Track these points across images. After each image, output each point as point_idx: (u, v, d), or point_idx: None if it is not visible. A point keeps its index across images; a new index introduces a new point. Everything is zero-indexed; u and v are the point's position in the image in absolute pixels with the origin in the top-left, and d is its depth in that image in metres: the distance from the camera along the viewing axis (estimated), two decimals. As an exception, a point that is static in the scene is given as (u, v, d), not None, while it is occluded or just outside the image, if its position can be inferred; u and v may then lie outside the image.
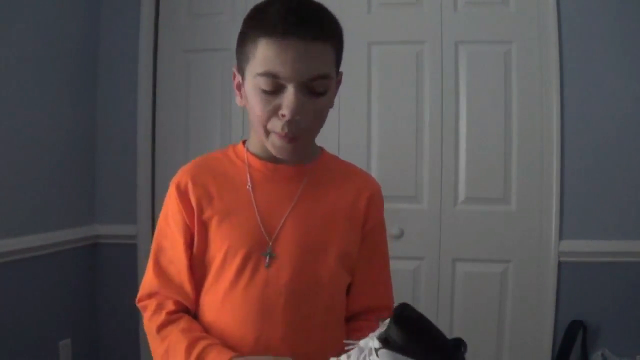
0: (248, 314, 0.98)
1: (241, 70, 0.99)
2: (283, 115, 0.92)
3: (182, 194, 1.02)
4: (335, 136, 2.49)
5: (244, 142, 1.08)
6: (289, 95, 0.91)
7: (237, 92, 1.02)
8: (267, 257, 0.98)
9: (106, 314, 2.63)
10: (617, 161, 2.34)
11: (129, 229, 2.57)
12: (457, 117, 2.45)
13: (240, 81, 1.00)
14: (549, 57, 2.37)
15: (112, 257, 2.61)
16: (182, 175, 1.05)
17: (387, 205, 2.77)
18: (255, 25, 0.94)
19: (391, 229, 2.45)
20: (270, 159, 1.03)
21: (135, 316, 2.59)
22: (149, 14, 2.61)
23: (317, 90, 0.94)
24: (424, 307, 2.46)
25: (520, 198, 2.42)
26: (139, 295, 1.07)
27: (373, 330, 0.78)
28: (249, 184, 1.02)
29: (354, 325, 1.08)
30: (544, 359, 2.37)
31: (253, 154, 1.05)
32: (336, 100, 2.95)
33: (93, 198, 2.61)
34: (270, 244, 0.99)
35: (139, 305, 1.07)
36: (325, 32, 0.95)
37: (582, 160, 2.36)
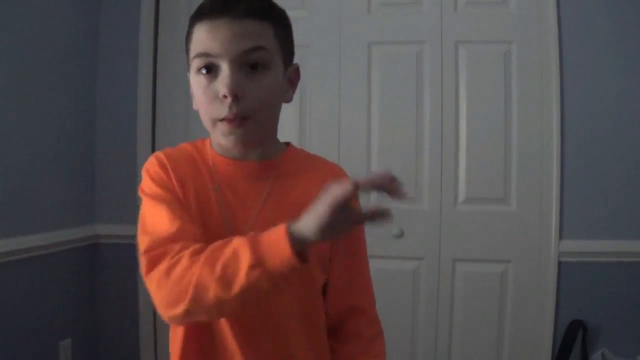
0: (220, 325, 0.94)
1: (187, 66, 0.97)
2: (225, 97, 0.89)
3: (165, 170, 0.96)
4: (335, 136, 2.49)
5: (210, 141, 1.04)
6: (223, 74, 0.90)
7: (193, 97, 0.99)
8: None
9: (106, 314, 2.63)
10: (617, 161, 2.34)
11: (129, 229, 2.53)
12: (457, 117, 2.45)
13: None
14: (549, 57, 2.37)
15: (112, 257, 2.61)
16: (161, 155, 0.99)
17: (387, 205, 2.74)
18: (191, 19, 0.96)
19: (391, 229, 2.46)
20: (230, 156, 0.99)
21: (135, 316, 2.59)
22: (149, 14, 2.61)
23: (255, 62, 0.91)
24: (424, 307, 2.47)
25: (520, 198, 2.42)
26: (146, 244, 0.87)
27: None
28: (217, 187, 0.97)
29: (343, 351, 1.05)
30: (544, 359, 2.37)
31: (217, 152, 1.01)
32: (336, 100, 2.94)
33: (93, 198, 2.61)
34: None
35: (150, 254, 0.86)
36: (258, 10, 0.92)
37: (582, 160, 2.36)
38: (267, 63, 0.93)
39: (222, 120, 0.91)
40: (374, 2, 2.51)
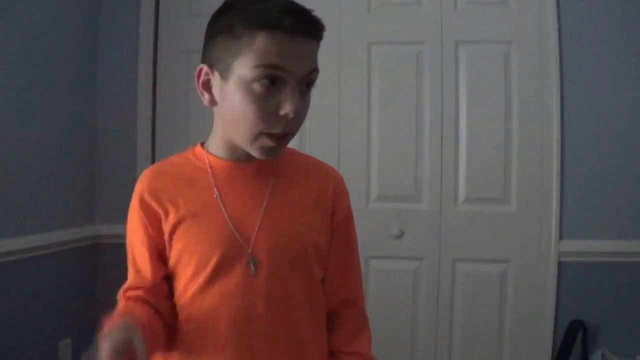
0: (226, 324, 0.95)
1: (224, 67, 0.91)
2: (285, 114, 0.88)
3: (146, 206, 0.99)
4: (335, 136, 2.49)
5: (202, 144, 1.04)
6: (290, 92, 0.88)
7: (203, 92, 0.96)
8: (252, 266, 0.95)
9: (106, 314, 2.63)
10: (617, 161, 2.34)
11: (129, 229, 2.57)
12: (457, 117, 2.45)
13: (213, 80, 0.94)
14: (549, 57, 2.37)
15: (112, 257, 2.60)
16: (142, 185, 1.00)
17: (387, 205, 2.77)
18: (249, 18, 0.88)
19: (391, 229, 2.46)
20: (232, 158, 1.00)
21: (135, 316, 2.59)
22: (149, 14, 2.61)
23: (312, 82, 0.93)
24: (424, 307, 2.47)
25: (520, 198, 2.42)
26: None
27: None
28: (216, 192, 0.97)
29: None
30: (544, 359, 2.37)
31: (214, 155, 1.01)
32: (336, 100, 2.94)
33: (93, 198, 2.61)
34: (250, 251, 0.95)
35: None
36: (320, 31, 0.94)
37: (582, 160, 2.36)
38: (314, 83, 0.95)
39: (269, 135, 0.91)
40: (374, 2, 2.51)
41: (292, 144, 1.11)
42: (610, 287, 2.33)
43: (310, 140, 2.49)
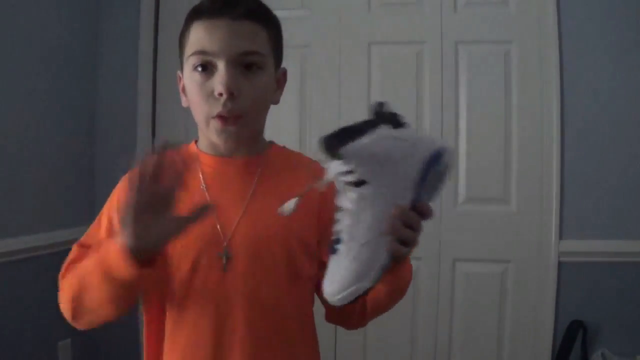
0: (205, 317, 0.95)
1: (181, 66, 1.01)
2: (220, 95, 0.92)
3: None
4: (335, 136, 2.49)
5: (196, 142, 1.07)
6: (220, 72, 0.92)
7: (182, 95, 1.04)
8: (224, 258, 0.95)
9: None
10: (617, 161, 2.34)
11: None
12: (457, 117, 2.45)
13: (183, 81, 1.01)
14: (549, 57, 2.37)
15: (112, 257, 2.60)
16: (124, 182, 1.01)
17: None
18: (188, 17, 0.98)
19: (391, 229, 2.45)
20: (217, 153, 1.02)
21: (135, 316, 2.59)
22: (149, 14, 2.61)
23: (250, 63, 0.94)
24: (424, 307, 2.47)
25: (520, 198, 2.42)
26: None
27: None
28: (203, 184, 0.99)
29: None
30: (544, 359, 2.37)
31: (202, 151, 1.04)
32: (336, 99, 2.93)
33: (93, 198, 2.61)
34: (226, 244, 0.96)
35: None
36: (255, 14, 0.96)
37: (582, 160, 2.36)
38: (261, 64, 0.96)
39: (215, 117, 0.94)
40: (374, 2, 2.51)
41: (292, 144, 1.11)
42: (610, 287, 2.33)
43: (310, 140, 2.48)
